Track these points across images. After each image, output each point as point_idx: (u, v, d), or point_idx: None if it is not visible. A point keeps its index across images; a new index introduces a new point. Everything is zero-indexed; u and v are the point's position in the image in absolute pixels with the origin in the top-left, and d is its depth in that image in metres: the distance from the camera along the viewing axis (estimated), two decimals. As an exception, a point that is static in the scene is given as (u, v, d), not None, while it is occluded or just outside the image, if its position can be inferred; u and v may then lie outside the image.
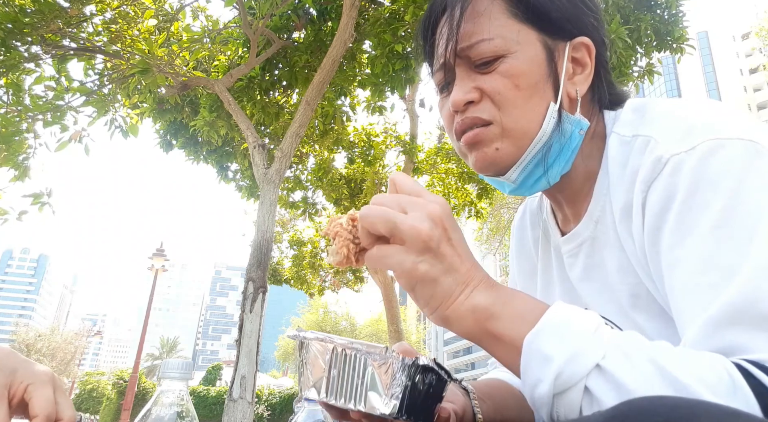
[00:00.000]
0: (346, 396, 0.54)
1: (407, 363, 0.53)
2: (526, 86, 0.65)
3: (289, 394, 21.11)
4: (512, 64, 0.65)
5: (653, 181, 0.57)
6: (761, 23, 24.13)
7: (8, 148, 6.20)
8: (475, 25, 0.65)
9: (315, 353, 0.58)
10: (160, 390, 0.65)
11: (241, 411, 5.60)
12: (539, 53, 0.66)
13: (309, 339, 0.59)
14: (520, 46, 0.65)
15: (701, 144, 0.54)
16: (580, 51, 0.69)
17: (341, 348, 0.56)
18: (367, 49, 7.46)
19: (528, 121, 0.65)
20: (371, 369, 0.54)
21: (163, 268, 16.50)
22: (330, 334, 0.58)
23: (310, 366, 0.58)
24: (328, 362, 0.56)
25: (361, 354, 0.55)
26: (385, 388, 0.53)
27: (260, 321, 6.00)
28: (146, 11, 6.80)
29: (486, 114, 0.66)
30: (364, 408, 0.53)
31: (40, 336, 44.87)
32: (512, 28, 0.66)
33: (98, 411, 26.04)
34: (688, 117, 0.58)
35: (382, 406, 0.53)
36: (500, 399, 0.82)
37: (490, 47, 0.65)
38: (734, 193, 0.51)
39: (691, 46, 6.47)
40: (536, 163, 0.67)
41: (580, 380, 0.45)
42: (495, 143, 0.66)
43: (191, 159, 8.79)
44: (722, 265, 0.50)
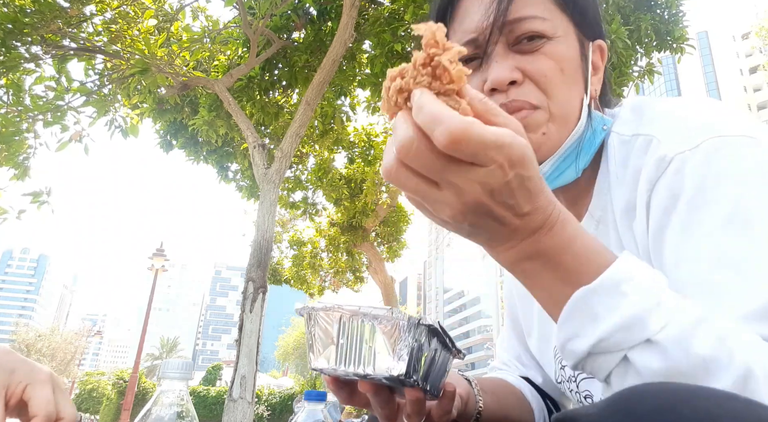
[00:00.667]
0: (355, 362, 0.54)
1: (413, 322, 0.53)
2: (570, 72, 0.64)
3: (289, 394, 21.11)
4: (558, 48, 0.63)
5: (657, 180, 0.56)
6: (761, 23, 24.13)
7: (8, 148, 6.20)
8: (526, 3, 0.63)
9: (323, 324, 0.57)
10: (160, 390, 0.65)
11: (241, 411, 5.60)
12: (576, 45, 0.66)
13: (316, 310, 0.58)
14: (563, 32, 0.65)
15: (705, 142, 0.53)
16: (596, 53, 0.70)
17: (348, 315, 0.55)
18: (367, 48, 7.46)
19: (571, 108, 0.64)
20: (379, 333, 0.54)
21: (163, 268, 16.50)
22: (338, 303, 0.57)
23: (319, 337, 0.58)
24: (336, 331, 0.56)
25: (367, 319, 0.54)
26: (393, 350, 0.53)
27: (260, 321, 6.00)
28: (146, 11, 6.80)
29: (533, 98, 0.62)
30: (372, 372, 0.53)
31: (40, 336, 44.87)
32: (556, 14, 0.65)
33: (98, 411, 26.03)
34: (689, 116, 0.57)
35: (391, 368, 0.52)
36: (502, 395, 0.81)
37: (540, 25, 0.63)
38: (741, 190, 0.50)
39: (691, 45, 6.46)
40: (569, 154, 0.65)
41: (623, 349, 0.42)
42: (542, 128, 0.62)
43: (191, 159, 8.79)
44: (733, 262, 0.48)
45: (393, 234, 11.42)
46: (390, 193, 10.51)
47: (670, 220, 0.54)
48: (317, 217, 11.42)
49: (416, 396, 0.56)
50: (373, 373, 0.53)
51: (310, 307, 0.59)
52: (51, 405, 0.55)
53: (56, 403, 0.56)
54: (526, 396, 0.87)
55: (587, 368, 0.46)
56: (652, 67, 6.57)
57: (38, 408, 0.54)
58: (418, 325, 0.53)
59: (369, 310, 0.54)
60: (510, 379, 0.90)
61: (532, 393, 0.87)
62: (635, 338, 0.42)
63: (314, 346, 0.58)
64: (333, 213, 11.37)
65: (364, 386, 0.57)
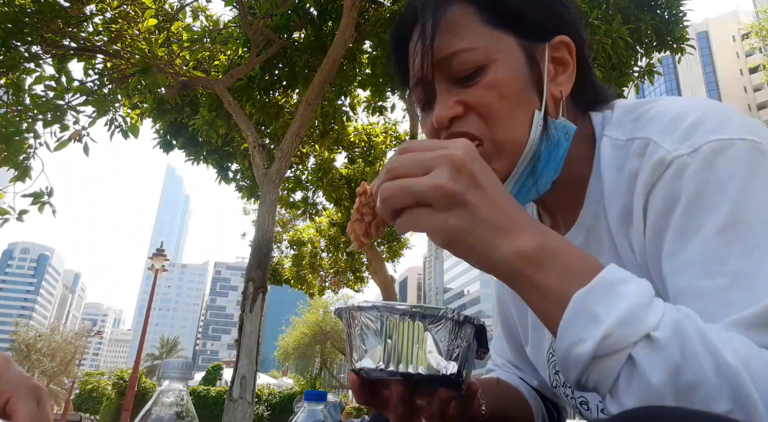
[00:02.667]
0: (405, 361, 0.54)
1: (465, 320, 0.54)
2: (512, 95, 0.62)
3: (289, 394, 21.12)
4: (495, 75, 0.61)
5: (655, 184, 0.55)
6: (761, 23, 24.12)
7: (8, 148, 6.19)
8: (452, 36, 0.62)
9: (369, 323, 0.57)
10: (160, 390, 0.65)
11: (241, 411, 5.60)
12: (519, 59, 0.63)
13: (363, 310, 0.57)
14: (500, 53, 0.62)
15: (704, 145, 0.52)
16: (560, 50, 0.65)
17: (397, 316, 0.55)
18: (368, 49, 7.46)
19: (517, 132, 0.62)
20: (428, 333, 0.53)
21: (163, 268, 16.51)
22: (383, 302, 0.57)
23: (364, 337, 0.57)
24: (383, 332, 0.55)
25: (417, 317, 0.54)
26: (446, 350, 0.53)
27: (260, 321, 6.00)
28: (146, 11, 6.80)
29: (474, 129, 0.62)
30: (425, 371, 0.53)
31: (40, 336, 44.87)
32: (489, 35, 0.63)
33: (98, 411, 26.03)
34: (686, 117, 0.56)
35: (443, 368, 0.53)
36: (501, 396, 0.82)
37: (471, 57, 0.62)
38: (740, 195, 0.50)
39: (692, 45, 6.47)
40: (527, 174, 0.64)
41: (627, 347, 0.42)
42: (493, 162, 0.61)
43: (191, 159, 8.79)
44: (731, 269, 0.48)
45: (393, 234, 11.42)
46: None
47: (668, 224, 0.53)
48: (317, 217, 11.42)
49: (450, 396, 0.57)
50: (425, 373, 0.53)
51: (356, 307, 0.58)
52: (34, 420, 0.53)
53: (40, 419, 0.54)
54: (525, 396, 0.87)
55: (592, 377, 0.45)
56: (652, 67, 6.58)
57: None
58: (468, 324, 0.54)
59: (420, 310, 0.54)
60: (508, 379, 0.90)
61: (530, 393, 0.88)
62: (636, 333, 0.42)
63: (359, 347, 0.57)
64: (333, 213, 11.37)
65: (398, 387, 0.57)
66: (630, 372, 0.43)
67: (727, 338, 0.42)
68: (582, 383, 0.46)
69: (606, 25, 5.74)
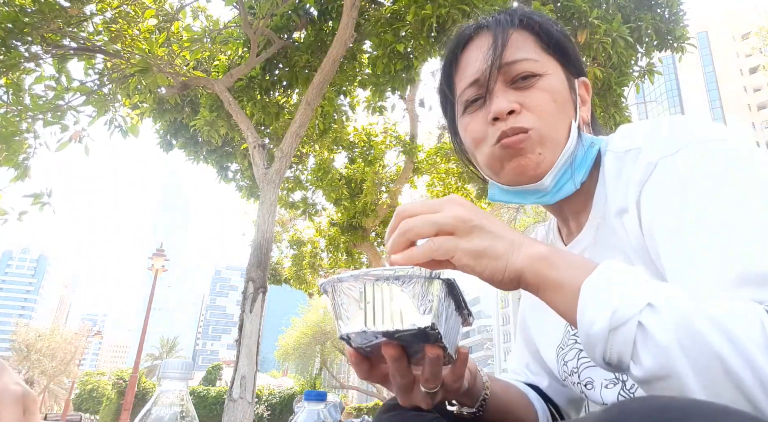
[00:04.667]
0: (383, 321, 0.58)
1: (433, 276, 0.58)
2: (561, 102, 0.76)
3: (289, 394, 21.12)
4: (549, 82, 0.76)
5: (645, 182, 0.66)
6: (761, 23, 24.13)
7: (8, 148, 6.19)
8: (516, 49, 0.77)
9: (349, 292, 0.61)
10: (160, 390, 0.65)
11: (241, 411, 5.60)
12: (564, 80, 0.79)
13: (342, 281, 0.61)
14: (552, 70, 0.78)
15: (682, 148, 0.63)
16: (582, 89, 0.83)
17: (371, 282, 0.59)
18: (368, 49, 7.46)
19: (561, 130, 0.76)
20: (402, 291, 0.58)
21: (163, 268, 16.50)
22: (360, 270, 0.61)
23: (347, 305, 0.61)
24: (362, 296, 0.60)
25: (390, 281, 0.58)
26: (418, 306, 0.57)
27: (260, 321, 6.00)
28: (146, 11, 6.81)
29: (527, 123, 0.74)
30: (402, 327, 0.57)
31: (40, 336, 44.85)
32: (545, 57, 0.78)
33: (98, 411, 26.05)
34: (668, 128, 0.68)
35: (418, 321, 0.57)
36: (507, 390, 0.87)
37: (531, 66, 0.76)
38: (717, 182, 0.59)
39: (692, 44, 6.46)
40: (564, 170, 0.76)
41: (634, 316, 0.49)
42: (537, 149, 0.74)
43: (191, 159, 8.79)
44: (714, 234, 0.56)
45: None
46: (390, 193, 10.51)
47: (660, 214, 0.63)
48: (317, 217, 11.42)
49: (436, 353, 0.60)
50: (402, 328, 0.57)
51: (336, 278, 0.62)
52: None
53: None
54: (531, 398, 0.92)
55: (615, 350, 0.51)
56: (652, 67, 6.57)
57: None
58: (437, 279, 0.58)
59: (392, 272, 0.58)
60: (516, 384, 0.95)
61: (537, 398, 0.93)
62: (639, 304, 0.49)
63: (342, 314, 0.61)
64: (333, 213, 11.37)
65: (389, 349, 0.60)
66: (644, 337, 0.49)
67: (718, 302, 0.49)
68: (607, 359, 0.52)
69: (606, 25, 5.74)
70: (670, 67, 70.38)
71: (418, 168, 10.60)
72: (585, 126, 0.81)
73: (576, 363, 0.81)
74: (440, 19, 5.54)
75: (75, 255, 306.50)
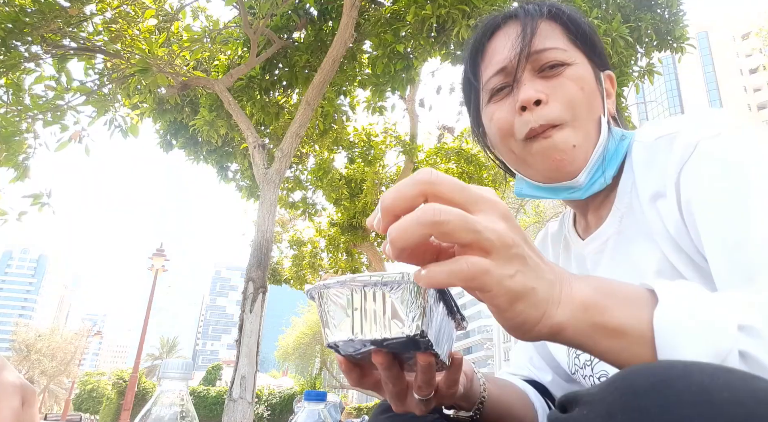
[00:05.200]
0: (371, 329, 0.56)
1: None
2: (589, 91, 0.74)
3: (289, 394, 21.12)
4: (577, 71, 0.75)
5: (685, 163, 0.64)
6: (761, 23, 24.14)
7: (8, 148, 6.20)
8: (545, 38, 0.76)
9: (335, 299, 0.59)
10: (160, 390, 0.65)
11: (241, 411, 5.60)
12: (591, 71, 0.77)
13: (328, 287, 0.59)
14: (580, 60, 0.76)
15: (724, 131, 0.63)
16: (607, 82, 0.81)
17: (359, 288, 0.57)
18: (368, 49, 7.46)
19: (592, 123, 0.74)
20: (390, 298, 0.56)
21: (163, 268, 16.49)
22: (346, 276, 0.59)
23: (333, 313, 0.59)
24: (349, 303, 0.58)
25: (378, 287, 0.56)
26: (406, 313, 0.55)
27: (260, 321, 6.00)
28: (146, 11, 6.81)
29: (558, 114, 0.72)
30: (389, 334, 0.55)
31: (40, 336, 44.85)
32: (573, 47, 0.77)
33: (98, 411, 26.05)
34: (705, 115, 0.68)
35: (406, 329, 0.55)
36: (505, 390, 0.85)
37: (559, 55, 0.75)
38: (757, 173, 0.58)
39: (692, 45, 6.46)
40: (598, 165, 0.75)
41: (732, 347, 0.41)
42: (572, 142, 0.72)
43: (191, 159, 8.79)
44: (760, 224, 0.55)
45: (393, 234, 11.41)
46: (390, 193, 10.51)
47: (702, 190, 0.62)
48: (317, 217, 11.42)
49: (428, 360, 0.58)
50: (390, 336, 0.55)
51: (321, 285, 0.60)
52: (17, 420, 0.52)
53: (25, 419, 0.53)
54: (530, 397, 0.90)
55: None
56: (652, 67, 6.57)
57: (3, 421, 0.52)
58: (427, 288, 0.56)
59: (379, 278, 0.56)
60: (515, 382, 0.93)
61: (536, 395, 0.91)
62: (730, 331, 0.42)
63: (329, 322, 0.60)
64: (333, 213, 11.37)
65: (379, 357, 0.58)
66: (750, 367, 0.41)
67: None
68: None
69: (606, 24, 5.74)
70: (670, 67, 70.38)
71: (418, 168, 10.60)
72: (612, 119, 0.79)
73: (589, 355, 0.74)
74: (440, 19, 5.54)
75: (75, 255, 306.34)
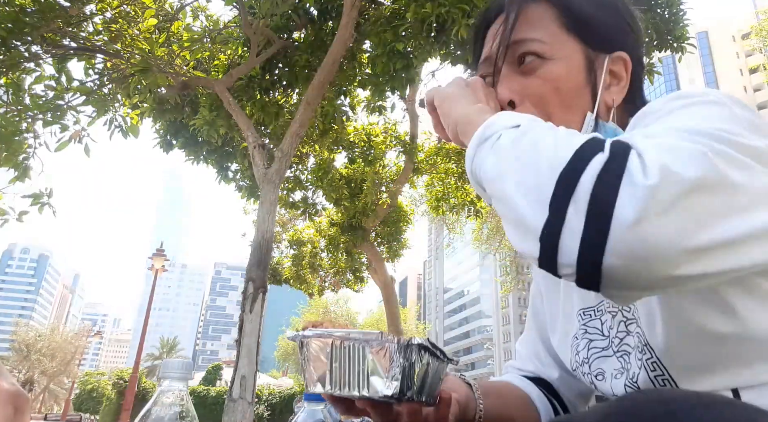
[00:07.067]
0: (350, 385, 0.56)
1: (402, 344, 0.56)
2: (565, 91, 0.70)
3: (289, 394, 21.11)
4: (553, 69, 0.71)
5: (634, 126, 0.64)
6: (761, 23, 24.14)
7: (8, 148, 6.19)
8: (528, 27, 0.72)
9: (315, 350, 0.60)
10: (160, 390, 0.65)
11: (241, 411, 5.59)
12: (579, 62, 0.72)
13: (308, 338, 0.61)
14: (563, 53, 0.71)
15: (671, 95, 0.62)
16: (618, 64, 0.74)
17: (339, 340, 0.57)
18: (368, 48, 7.45)
19: (569, 124, 0.68)
20: (370, 356, 0.56)
21: (163, 268, 16.50)
22: (327, 329, 0.60)
23: (313, 363, 0.60)
24: (328, 356, 0.58)
25: (358, 343, 0.57)
26: (385, 371, 0.55)
27: (260, 321, 6.00)
28: (146, 11, 6.80)
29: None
30: (368, 393, 0.55)
31: (40, 336, 44.86)
32: (559, 36, 0.72)
33: (98, 411, 26.06)
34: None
35: (384, 388, 0.55)
36: (506, 398, 0.85)
37: (537, 47, 0.71)
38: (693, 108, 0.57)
39: (692, 44, 6.46)
40: None
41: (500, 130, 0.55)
42: None
43: (191, 159, 8.78)
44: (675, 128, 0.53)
45: (393, 234, 11.41)
46: (390, 193, 10.51)
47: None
48: (317, 217, 11.42)
49: (411, 408, 0.58)
50: (368, 395, 0.55)
51: (302, 335, 0.61)
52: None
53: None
54: (533, 400, 0.89)
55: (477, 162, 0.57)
56: (652, 67, 6.56)
57: None
58: (408, 346, 0.56)
59: (359, 335, 0.57)
60: (518, 383, 0.93)
61: (539, 397, 0.90)
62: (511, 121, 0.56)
63: (310, 372, 0.60)
64: (333, 213, 11.37)
65: (362, 403, 0.59)
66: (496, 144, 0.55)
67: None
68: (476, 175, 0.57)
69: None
70: (669, 67, 70.34)
71: (418, 168, 10.60)
72: (612, 110, 0.73)
73: (587, 353, 0.78)
74: (440, 18, 5.54)
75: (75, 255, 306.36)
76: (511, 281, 21.70)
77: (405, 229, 11.58)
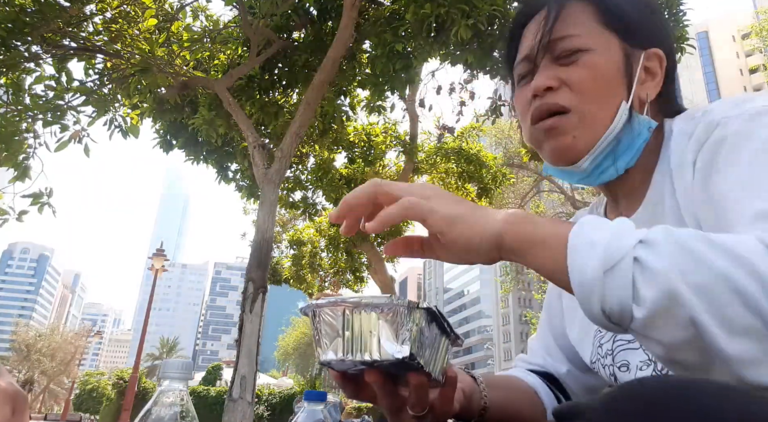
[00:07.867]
0: (362, 351, 0.57)
1: (412, 306, 0.57)
2: (603, 81, 0.72)
3: (289, 394, 21.10)
4: (591, 58, 0.72)
5: (706, 141, 0.64)
6: (761, 23, 24.13)
7: (8, 148, 6.19)
8: (567, 25, 0.74)
9: (328, 319, 0.60)
10: (160, 390, 0.65)
11: (241, 411, 5.60)
12: (617, 56, 0.73)
13: (320, 307, 0.61)
14: (602, 46, 0.73)
15: (749, 109, 0.61)
16: (653, 61, 0.76)
17: (351, 307, 0.58)
18: (368, 48, 7.45)
19: (602, 113, 0.72)
20: (381, 321, 0.57)
21: (163, 268, 16.50)
22: (339, 295, 0.61)
23: (325, 332, 0.61)
24: (341, 324, 0.59)
25: (369, 308, 0.57)
26: (396, 336, 0.56)
27: (260, 321, 6.00)
28: (146, 11, 6.80)
29: (564, 100, 0.72)
30: (380, 357, 0.56)
31: (40, 336, 44.86)
32: (597, 32, 0.74)
33: (98, 411, 26.06)
34: (742, 97, 0.66)
35: (396, 352, 0.56)
36: (512, 392, 0.85)
37: (576, 42, 0.73)
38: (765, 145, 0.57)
39: (692, 45, 6.46)
40: (606, 154, 0.73)
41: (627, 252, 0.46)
42: (572, 132, 0.72)
43: (191, 159, 8.78)
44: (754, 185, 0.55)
45: (393, 234, 11.42)
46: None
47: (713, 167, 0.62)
48: (317, 217, 11.42)
49: (419, 381, 0.59)
50: (380, 359, 0.56)
51: (314, 304, 0.62)
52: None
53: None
54: (540, 394, 0.90)
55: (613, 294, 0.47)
56: (652, 67, 6.57)
57: None
58: (417, 308, 0.57)
59: (370, 300, 0.58)
60: (524, 377, 0.93)
61: (546, 392, 0.91)
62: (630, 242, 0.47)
63: (321, 341, 0.61)
64: (333, 213, 11.35)
65: (371, 376, 0.59)
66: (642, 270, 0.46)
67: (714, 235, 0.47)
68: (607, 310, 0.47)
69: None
70: (670, 67, 70.24)
71: (418, 168, 10.60)
72: (646, 105, 0.74)
73: (611, 345, 0.79)
74: (439, 18, 5.54)
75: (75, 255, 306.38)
76: (511, 281, 21.68)
77: (405, 229, 11.58)
